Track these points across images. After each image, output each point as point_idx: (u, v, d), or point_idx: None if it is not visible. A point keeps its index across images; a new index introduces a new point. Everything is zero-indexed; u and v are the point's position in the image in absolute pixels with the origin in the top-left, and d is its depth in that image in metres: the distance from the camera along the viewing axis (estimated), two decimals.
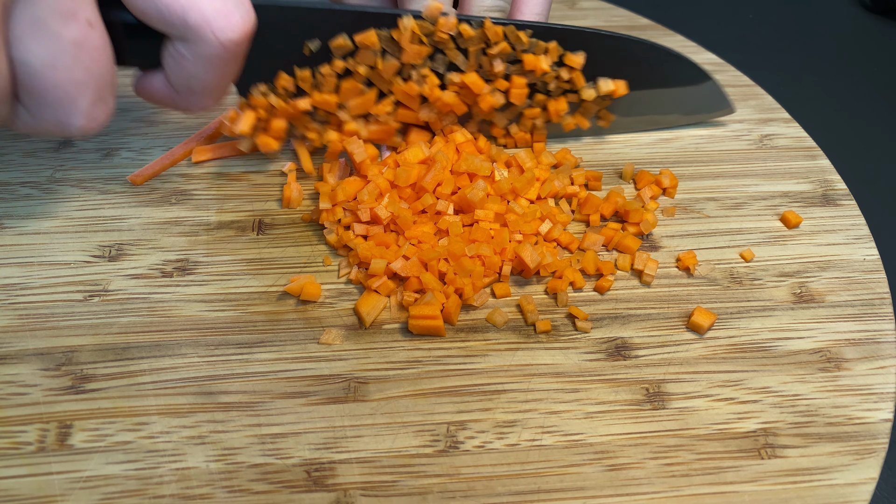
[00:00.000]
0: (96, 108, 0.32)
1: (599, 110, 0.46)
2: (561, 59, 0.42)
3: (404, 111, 0.42)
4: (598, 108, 0.45)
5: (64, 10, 0.29)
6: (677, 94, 0.46)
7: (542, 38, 0.41)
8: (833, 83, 0.63)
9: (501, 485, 0.31)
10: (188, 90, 0.35)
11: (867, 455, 0.32)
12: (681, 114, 0.47)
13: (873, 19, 0.71)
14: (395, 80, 0.41)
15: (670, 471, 0.31)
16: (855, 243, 0.41)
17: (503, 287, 0.38)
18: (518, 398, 0.34)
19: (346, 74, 0.40)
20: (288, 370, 0.34)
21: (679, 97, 0.46)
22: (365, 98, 0.41)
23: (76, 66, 0.30)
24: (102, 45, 0.31)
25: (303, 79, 0.40)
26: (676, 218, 0.43)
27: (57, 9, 0.29)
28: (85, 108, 0.32)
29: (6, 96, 0.30)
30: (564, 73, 0.42)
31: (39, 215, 0.41)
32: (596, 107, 0.45)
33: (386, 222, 0.39)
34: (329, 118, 0.42)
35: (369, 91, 0.41)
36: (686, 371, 0.35)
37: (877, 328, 0.37)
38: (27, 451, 0.31)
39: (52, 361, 0.34)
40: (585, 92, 0.43)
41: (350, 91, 0.40)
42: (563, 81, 0.43)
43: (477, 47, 0.40)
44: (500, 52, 0.40)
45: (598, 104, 0.45)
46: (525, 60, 0.41)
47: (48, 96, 0.31)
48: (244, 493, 0.30)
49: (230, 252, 0.40)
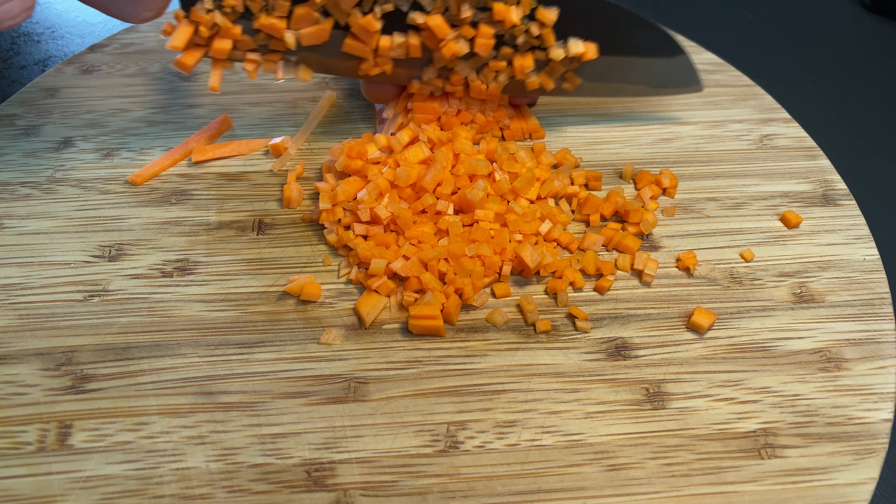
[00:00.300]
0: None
1: (566, 72, 0.44)
2: (532, 13, 0.40)
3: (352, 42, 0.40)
4: (566, 70, 0.43)
5: None
6: (648, 63, 0.45)
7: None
8: (833, 83, 0.63)
9: (501, 485, 0.31)
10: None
11: (867, 455, 0.32)
12: (648, 85, 0.46)
13: (873, 19, 0.71)
14: (354, 12, 0.38)
15: (670, 471, 0.31)
16: (855, 243, 0.41)
17: (503, 287, 0.38)
18: (518, 398, 0.34)
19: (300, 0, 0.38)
20: (288, 370, 0.34)
21: (649, 67, 0.45)
22: (319, 28, 0.39)
23: None
24: None
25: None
26: (676, 218, 0.43)
27: None
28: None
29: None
30: (535, 28, 0.40)
31: (39, 215, 0.41)
32: (563, 68, 0.43)
33: (386, 222, 0.39)
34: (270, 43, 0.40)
35: (324, 21, 0.39)
36: (686, 371, 0.35)
37: (877, 328, 0.37)
38: (27, 451, 0.31)
39: (52, 361, 0.34)
40: (554, 51, 0.41)
41: (303, 18, 0.38)
42: (533, 37, 0.41)
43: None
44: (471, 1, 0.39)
45: (566, 65, 0.43)
46: (494, 9, 0.39)
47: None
48: (244, 493, 0.30)
49: (230, 252, 0.40)
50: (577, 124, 0.48)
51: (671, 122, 0.49)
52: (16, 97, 0.50)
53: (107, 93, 0.50)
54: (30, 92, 0.50)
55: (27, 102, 0.49)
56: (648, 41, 0.44)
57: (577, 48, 0.41)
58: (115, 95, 0.50)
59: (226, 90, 0.50)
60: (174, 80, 0.51)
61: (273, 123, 0.48)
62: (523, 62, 0.42)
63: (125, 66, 0.53)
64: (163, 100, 0.50)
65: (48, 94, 0.50)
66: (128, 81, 0.51)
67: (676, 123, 0.49)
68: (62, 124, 0.47)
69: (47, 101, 0.49)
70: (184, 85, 0.51)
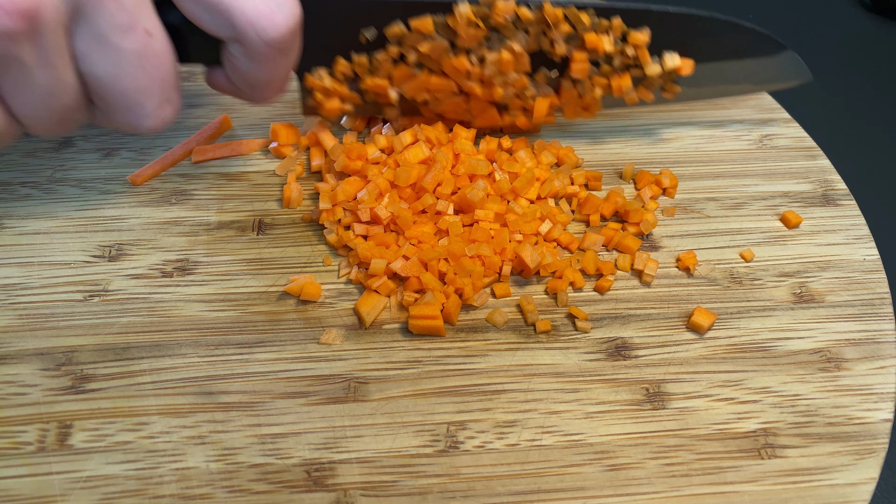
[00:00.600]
0: (162, 109, 0.34)
1: (665, 83, 0.44)
2: (624, 37, 0.41)
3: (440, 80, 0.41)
4: (664, 82, 0.44)
5: (122, 24, 0.30)
6: (749, 65, 0.45)
7: (604, 16, 0.40)
8: (833, 83, 0.63)
9: (501, 485, 0.31)
10: (248, 86, 0.37)
11: (867, 455, 0.32)
12: (752, 84, 0.46)
13: (873, 19, 0.71)
14: (446, 58, 0.40)
15: (670, 471, 0.32)
16: (855, 243, 0.41)
17: (503, 287, 0.38)
18: (518, 398, 0.34)
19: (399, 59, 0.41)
20: (288, 370, 0.34)
21: (751, 68, 0.45)
22: (418, 80, 0.41)
23: (140, 74, 0.32)
24: (163, 51, 0.33)
25: (360, 64, 0.40)
26: (676, 218, 0.43)
27: (115, 23, 0.30)
28: (152, 110, 0.34)
29: (81, 105, 0.33)
30: (629, 49, 0.41)
31: (39, 215, 0.41)
32: (661, 81, 0.44)
33: (386, 222, 0.39)
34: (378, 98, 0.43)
35: (421, 73, 0.41)
36: (686, 371, 0.35)
37: (877, 328, 0.37)
38: (27, 451, 0.31)
39: (52, 361, 0.34)
40: (650, 68, 0.42)
41: (403, 76, 0.41)
42: (628, 58, 0.42)
43: (537, 29, 0.40)
44: (561, 34, 0.40)
45: (664, 78, 0.43)
46: (587, 40, 0.40)
47: (117, 103, 0.33)
48: (244, 493, 0.30)
49: (230, 252, 0.40)
50: (576, 124, 0.48)
51: (671, 122, 0.49)
52: None
53: None
54: None
55: None
56: (746, 43, 0.44)
57: (673, 62, 0.42)
58: None
59: None
60: None
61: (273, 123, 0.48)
62: (621, 82, 0.42)
63: None
64: None
65: None
66: None
67: (676, 123, 0.49)
68: None
69: None
70: (184, 85, 0.51)
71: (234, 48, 0.34)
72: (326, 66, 0.41)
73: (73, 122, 0.34)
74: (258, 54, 0.34)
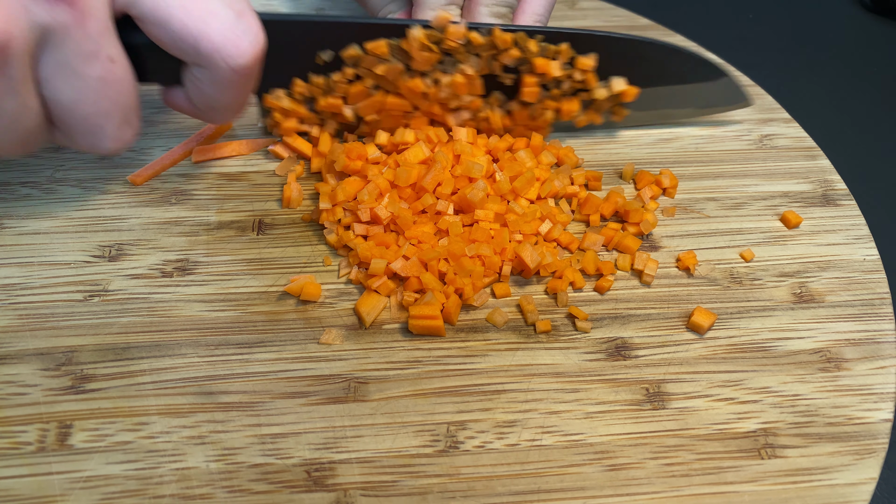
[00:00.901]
0: (122, 131, 0.35)
1: (612, 106, 0.46)
2: (572, 61, 0.42)
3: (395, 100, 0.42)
4: (611, 105, 0.45)
5: (87, 52, 0.31)
6: (692, 90, 0.46)
7: (553, 41, 0.42)
8: (833, 83, 0.63)
9: (501, 485, 0.31)
10: (208, 108, 0.37)
11: (867, 455, 0.32)
12: (695, 108, 0.47)
13: (873, 19, 0.71)
14: (401, 79, 0.41)
15: (670, 471, 0.32)
16: (855, 243, 0.41)
17: (503, 287, 0.38)
18: (518, 398, 0.34)
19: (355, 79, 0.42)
20: (288, 370, 0.34)
21: (694, 93, 0.46)
22: (373, 100, 0.42)
23: (101, 99, 0.33)
24: (124, 76, 0.33)
25: (317, 85, 0.42)
26: (676, 218, 0.43)
27: (80, 51, 0.31)
28: (112, 132, 0.34)
29: (42, 128, 0.33)
30: (577, 74, 0.43)
31: (39, 215, 0.41)
32: (609, 104, 0.45)
33: (386, 222, 0.39)
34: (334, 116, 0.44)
35: (377, 93, 0.42)
36: (686, 371, 0.35)
37: (877, 328, 0.37)
38: (27, 451, 0.31)
39: (52, 361, 0.34)
40: (598, 92, 0.44)
41: (358, 95, 0.42)
42: (576, 82, 0.43)
43: (488, 53, 0.41)
44: (511, 58, 0.41)
45: (612, 101, 0.45)
46: (536, 64, 0.41)
47: (78, 126, 0.33)
48: (244, 493, 0.30)
49: (230, 252, 0.40)
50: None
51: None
52: None
53: None
54: None
55: None
56: (688, 69, 0.45)
57: (619, 86, 0.44)
58: None
59: None
60: None
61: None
62: (570, 106, 0.44)
63: None
64: None
65: None
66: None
67: (676, 123, 0.49)
68: None
69: None
70: None
71: (198, 72, 0.35)
72: (284, 87, 0.42)
73: (34, 144, 0.34)
74: (223, 80, 0.34)
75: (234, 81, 0.35)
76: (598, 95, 0.44)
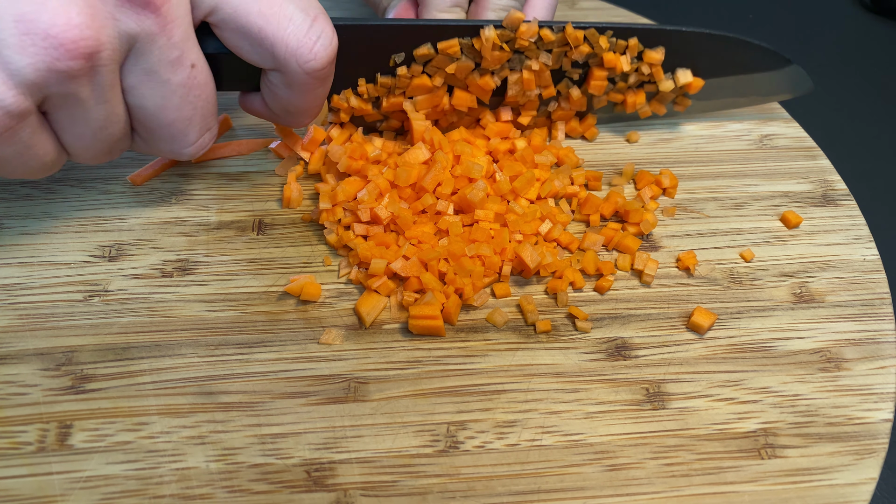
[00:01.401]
0: (203, 137, 0.36)
1: (676, 97, 0.46)
2: (640, 55, 0.43)
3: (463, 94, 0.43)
4: (675, 97, 0.46)
5: (171, 59, 0.32)
6: (757, 79, 0.46)
7: (622, 36, 0.42)
8: (833, 83, 0.63)
9: (501, 485, 0.31)
10: (285, 112, 0.38)
11: (867, 455, 0.32)
12: (759, 96, 0.48)
13: (873, 19, 0.71)
14: (471, 77, 0.42)
15: (670, 471, 0.32)
16: (855, 243, 0.41)
17: (503, 287, 0.38)
18: (518, 398, 0.34)
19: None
20: (288, 370, 0.34)
21: (759, 82, 0.46)
22: (433, 95, 0.42)
23: (184, 105, 0.34)
24: (206, 82, 0.34)
25: (384, 85, 0.42)
26: (676, 218, 0.43)
27: (165, 58, 0.32)
28: (194, 137, 0.35)
29: (127, 135, 0.34)
30: (645, 68, 0.43)
31: (39, 215, 0.41)
32: (673, 95, 0.46)
33: (386, 222, 0.39)
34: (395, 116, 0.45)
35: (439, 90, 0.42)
36: (686, 371, 0.35)
37: (877, 328, 0.37)
38: (27, 451, 0.31)
39: (52, 361, 0.34)
40: (664, 84, 0.44)
41: (419, 87, 0.42)
42: (643, 75, 0.44)
43: (559, 49, 0.42)
44: (580, 54, 0.42)
45: (676, 92, 0.46)
46: (605, 59, 0.42)
47: (162, 132, 0.34)
48: (244, 493, 0.30)
49: (230, 252, 0.40)
50: None
51: (671, 122, 0.49)
52: None
53: None
54: None
55: None
56: (755, 59, 0.45)
57: (685, 78, 0.44)
58: None
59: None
60: None
61: (273, 124, 0.48)
62: (635, 98, 0.45)
63: None
64: None
65: None
66: None
67: (676, 123, 0.49)
68: None
69: None
70: None
71: (274, 77, 0.36)
72: (352, 87, 0.42)
73: (119, 151, 0.35)
74: (298, 83, 0.35)
75: (309, 85, 0.35)
76: (665, 88, 0.44)
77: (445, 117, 0.44)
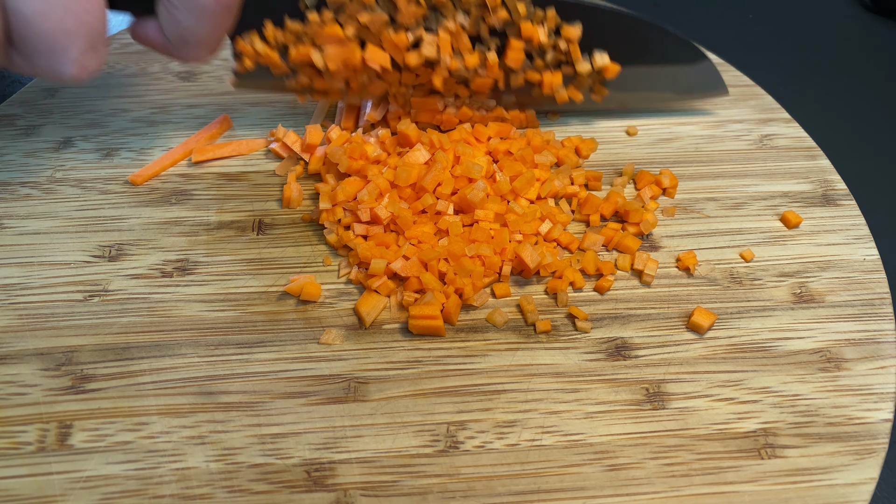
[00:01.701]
0: (87, 57, 0.32)
1: (594, 84, 0.46)
2: (558, 30, 0.43)
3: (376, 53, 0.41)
4: (593, 82, 0.46)
5: None
6: (672, 71, 0.46)
7: (540, 5, 0.42)
8: (833, 83, 0.63)
9: (501, 485, 0.31)
10: (182, 41, 0.35)
11: (867, 455, 0.32)
12: (674, 92, 0.48)
13: (873, 19, 0.71)
14: (385, 32, 0.40)
15: (670, 471, 0.31)
16: (855, 243, 0.41)
17: (503, 287, 0.38)
18: (518, 398, 0.34)
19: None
20: (288, 370, 0.34)
21: (674, 75, 0.47)
22: (344, 48, 0.40)
23: (67, 16, 0.30)
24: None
25: (293, 31, 0.40)
26: (676, 218, 0.43)
27: None
28: (76, 56, 0.32)
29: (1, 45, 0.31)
30: (562, 43, 0.43)
31: (39, 215, 0.41)
32: (590, 81, 0.45)
33: (386, 222, 0.39)
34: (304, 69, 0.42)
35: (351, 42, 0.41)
36: (686, 371, 0.35)
37: (877, 328, 0.37)
38: (27, 451, 0.31)
39: (52, 361, 0.34)
40: (581, 65, 0.44)
41: (329, 37, 0.40)
42: (560, 53, 0.43)
43: (477, 12, 0.41)
44: (498, 20, 0.41)
45: (594, 78, 0.45)
46: (522, 28, 0.41)
47: (40, 44, 0.31)
48: (244, 493, 0.30)
49: (230, 252, 0.40)
50: (577, 123, 0.48)
51: (671, 122, 0.49)
52: (16, 97, 0.50)
53: (107, 93, 0.50)
54: (30, 92, 0.50)
55: (27, 102, 0.49)
56: (670, 49, 0.45)
57: (602, 60, 0.44)
58: (114, 95, 0.50)
59: (226, 90, 0.50)
60: (174, 80, 0.51)
61: (273, 123, 0.48)
62: (552, 78, 0.44)
63: (125, 66, 0.53)
64: (163, 100, 0.50)
65: (48, 94, 0.50)
66: (128, 81, 0.51)
67: (676, 123, 0.49)
68: (62, 124, 0.47)
69: (47, 101, 0.49)
70: (184, 85, 0.51)
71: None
72: (259, 30, 0.40)
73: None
74: (201, 7, 0.33)
75: (213, 10, 0.33)
76: (582, 69, 0.44)
77: (356, 77, 0.42)
